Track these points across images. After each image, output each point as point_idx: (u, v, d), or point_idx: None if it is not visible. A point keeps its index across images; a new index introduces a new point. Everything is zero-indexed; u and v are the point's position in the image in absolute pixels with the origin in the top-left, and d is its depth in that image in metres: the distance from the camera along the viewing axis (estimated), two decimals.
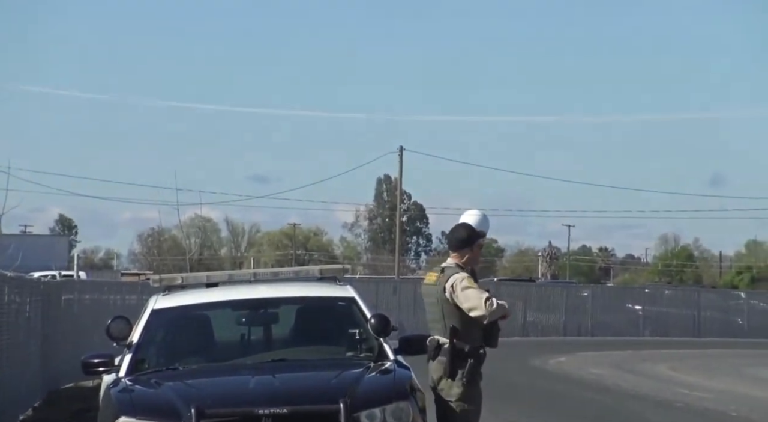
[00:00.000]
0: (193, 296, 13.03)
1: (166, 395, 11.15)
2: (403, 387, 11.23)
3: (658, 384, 28.45)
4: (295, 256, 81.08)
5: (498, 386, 14.79)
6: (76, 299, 27.95)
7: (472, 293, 11.27)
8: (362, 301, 12.68)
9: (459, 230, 11.66)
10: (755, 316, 59.96)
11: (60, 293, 26.13)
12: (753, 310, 60.61)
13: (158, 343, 12.56)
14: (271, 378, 11.40)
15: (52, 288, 25.65)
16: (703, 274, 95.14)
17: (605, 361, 36.52)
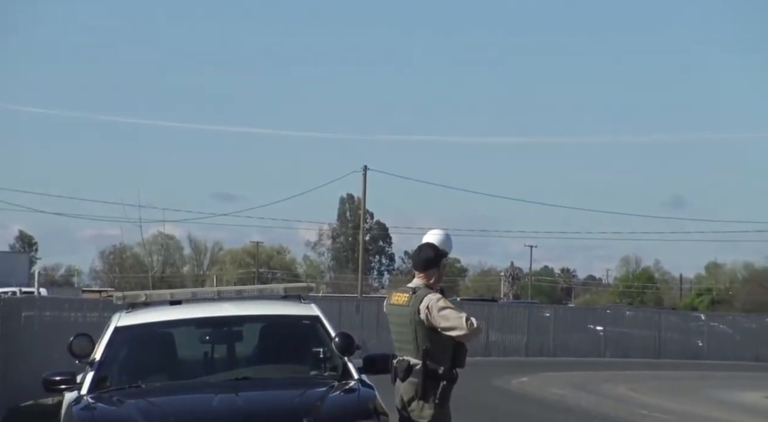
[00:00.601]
0: (157, 314, 13.17)
1: (128, 413, 11.25)
2: (367, 406, 11.33)
3: (618, 405, 28.64)
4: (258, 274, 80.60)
5: (463, 406, 14.59)
6: (36, 316, 27.90)
7: (451, 313, 11.28)
8: (326, 319, 12.74)
9: (425, 250, 11.66)
10: (714, 338, 60.28)
11: (20, 310, 26.23)
12: (712, 332, 61.06)
13: (121, 361, 12.63)
14: (234, 397, 11.36)
15: (12, 305, 26.15)
16: (664, 296, 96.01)
17: (567, 381, 37.00)
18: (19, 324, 25.30)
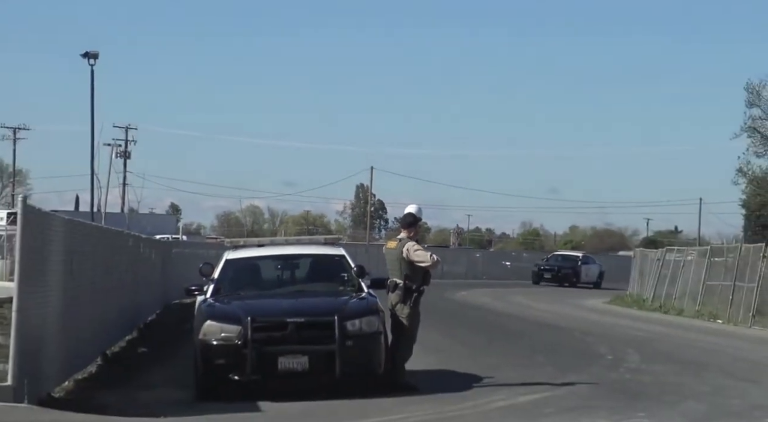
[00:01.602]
0: (249, 252, 16.32)
1: (233, 308, 14.22)
2: (373, 307, 14.36)
3: (516, 307, 38.82)
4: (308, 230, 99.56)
5: (428, 308, 17.19)
6: (180, 252, 37.07)
7: (422, 253, 14.77)
8: (349, 257, 16.05)
9: (408, 215, 15.15)
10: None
11: (171, 248, 35.32)
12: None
13: (229, 279, 15.51)
14: (294, 301, 14.76)
15: (167, 245, 35.38)
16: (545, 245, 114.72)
17: (488, 294, 47.75)
18: (171, 256, 33.43)
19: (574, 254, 67.68)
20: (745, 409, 13.60)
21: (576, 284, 59.84)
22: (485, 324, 29.08)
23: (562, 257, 65.68)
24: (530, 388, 15.13)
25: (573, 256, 66.37)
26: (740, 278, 34.46)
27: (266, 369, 13.75)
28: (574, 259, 64.39)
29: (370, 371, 14.22)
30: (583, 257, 65.37)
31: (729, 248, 39.81)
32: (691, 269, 40.43)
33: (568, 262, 63.46)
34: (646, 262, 49.06)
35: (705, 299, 37.76)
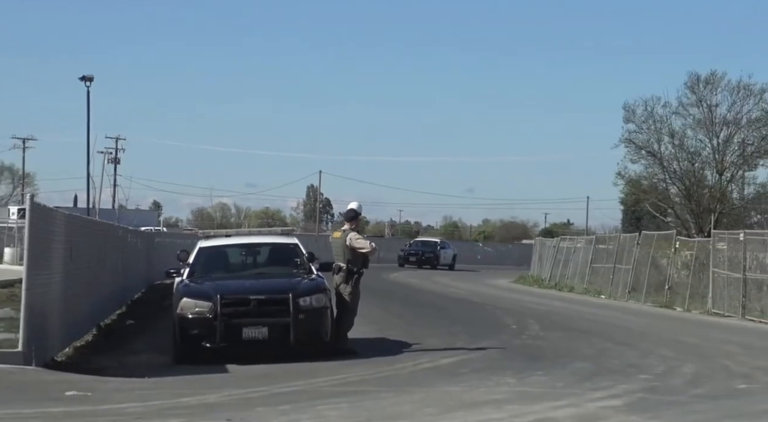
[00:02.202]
0: (219, 241, 16.46)
1: (205, 288, 14.30)
2: (321, 286, 14.53)
3: (440, 286, 38.41)
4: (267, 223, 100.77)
5: (367, 287, 17.10)
6: (162, 241, 36.97)
7: (362, 241, 15.04)
8: (301, 245, 16.27)
9: (350, 211, 15.33)
10: (486, 254, 79.59)
11: (154, 238, 35.27)
12: (485, 251, 79.84)
13: (202, 263, 15.45)
14: (256, 281, 14.76)
15: (151, 236, 35.26)
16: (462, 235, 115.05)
17: (416, 276, 47.31)
18: (154, 245, 33.43)
19: (433, 240, 66.10)
20: (622, 367, 13.76)
21: (436, 267, 58.21)
22: (414, 300, 29.10)
23: (422, 243, 63.89)
24: (450, 352, 15.24)
25: (432, 242, 64.49)
26: (619, 261, 34.86)
27: (233, 338, 13.80)
28: (433, 244, 62.68)
29: (319, 339, 14.29)
30: (441, 243, 64.40)
31: (610, 237, 40.27)
32: (580, 254, 40.82)
33: (428, 247, 61.56)
34: (544, 249, 49.45)
35: (591, 279, 38.17)
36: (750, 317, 25.13)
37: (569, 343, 17.07)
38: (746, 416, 10.01)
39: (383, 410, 10.15)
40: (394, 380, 12.50)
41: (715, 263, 27.83)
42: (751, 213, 51.75)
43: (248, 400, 10.78)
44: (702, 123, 46.87)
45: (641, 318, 24.70)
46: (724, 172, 47.05)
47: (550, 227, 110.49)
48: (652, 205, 52.02)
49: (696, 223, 46.25)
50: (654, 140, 47.77)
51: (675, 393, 11.50)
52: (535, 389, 11.64)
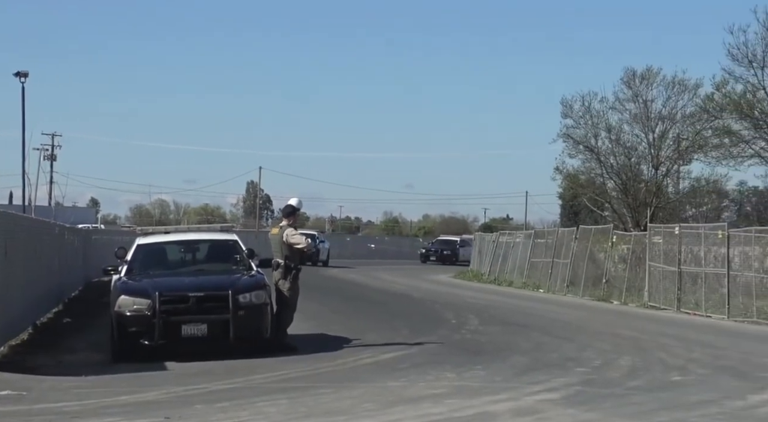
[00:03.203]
0: (158, 238, 16.18)
1: (144, 285, 14.18)
2: (261, 282, 14.45)
3: (380, 282, 38.37)
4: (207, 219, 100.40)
5: (307, 283, 17.32)
6: (99, 238, 36.42)
7: (298, 237, 15.09)
8: (241, 242, 16.24)
9: (288, 207, 15.39)
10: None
11: (91, 235, 34.62)
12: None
13: (140, 261, 15.36)
14: (195, 278, 14.70)
15: (88, 233, 34.69)
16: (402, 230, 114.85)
17: (356, 271, 47.30)
18: (91, 242, 32.73)
19: (452, 239, 67.66)
20: (560, 361, 13.90)
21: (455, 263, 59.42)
22: (354, 296, 29.08)
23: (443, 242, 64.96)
24: (390, 348, 15.26)
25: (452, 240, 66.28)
26: (557, 255, 35.17)
27: (172, 335, 13.72)
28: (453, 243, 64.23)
29: (259, 335, 14.25)
30: (460, 241, 65.20)
31: (548, 232, 40.61)
32: (519, 249, 41.11)
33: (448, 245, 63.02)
34: (484, 243, 49.71)
35: (530, 273, 38.47)
36: (685, 309, 25.52)
37: (508, 337, 17.19)
38: (681, 407, 10.16)
39: (323, 406, 10.15)
40: (334, 375, 12.49)
41: (651, 257, 28.21)
42: (686, 207, 52.49)
43: (187, 397, 10.72)
44: (638, 118, 47.36)
45: (579, 312, 24.95)
46: (659, 166, 47.60)
47: (489, 222, 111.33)
48: (589, 199, 52.50)
49: (632, 217, 46.76)
50: (591, 135, 48.17)
51: (612, 385, 11.65)
52: (474, 383, 11.71)
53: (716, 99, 39.78)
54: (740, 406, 10.34)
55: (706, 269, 25.34)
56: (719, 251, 25.21)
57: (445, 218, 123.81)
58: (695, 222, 41.01)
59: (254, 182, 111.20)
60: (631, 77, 47.32)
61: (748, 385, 11.86)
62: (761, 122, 37.81)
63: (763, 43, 37.18)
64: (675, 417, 9.62)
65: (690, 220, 47.26)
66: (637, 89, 47.29)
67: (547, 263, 36.13)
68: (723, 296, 24.29)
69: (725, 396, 10.96)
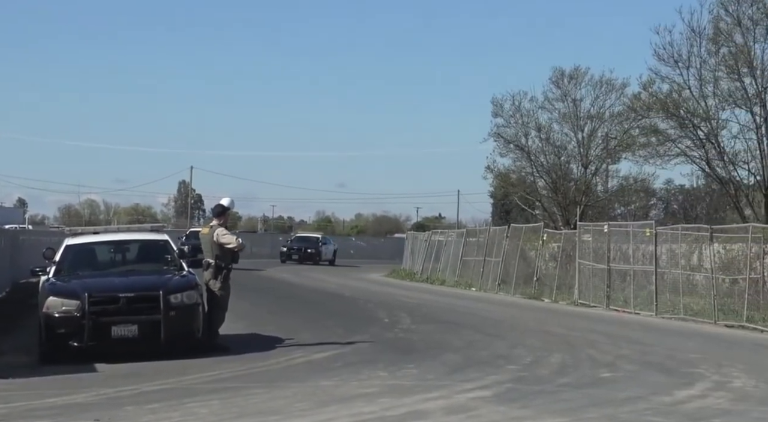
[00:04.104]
0: (87, 238, 16.16)
1: (73, 286, 14.04)
2: (192, 283, 14.41)
3: (313, 281, 38.01)
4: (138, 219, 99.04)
5: (239, 282, 17.21)
6: (27, 238, 36.26)
7: (229, 237, 15.05)
8: (172, 242, 16.28)
9: (218, 207, 15.33)
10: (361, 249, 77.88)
11: (18, 236, 34.55)
12: (359, 246, 78.38)
13: (69, 261, 15.21)
14: (126, 279, 14.55)
15: (15, 234, 34.74)
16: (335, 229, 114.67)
17: (289, 271, 46.67)
18: (18, 243, 32.52)
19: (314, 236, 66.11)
20: (491, 358, 14.01)
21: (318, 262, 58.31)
22: (286, 295, 28.93)
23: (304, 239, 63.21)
24: (323, 347, 15.24)
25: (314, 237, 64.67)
26: (489, 254, 35.43)
27: (101, 337, 13.58)
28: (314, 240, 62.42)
29: (190, 336, 14.17)
30: (322, 238, 64.17)
31: (480, 230, 40.89)
32: (451, 248, 41.33)
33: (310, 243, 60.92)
34: (416, 242, 49.88)
35: (462, 272, 38.71)
36: (614, 307, 25.87)
37: (440, 336, 17.27)
38: (610, 403, 10.30)
39: (255, 406, 10.11)
40: (267, 375, 12.44)
41: (581, 255, 28.55)
42: (615, 205, 53.24)
43: (117, 399, 10.61)
44: (567, 117, 47.98)
45: (510, 310, 25.16)
46: (589, 165, 48.26)
47: (422, 221, 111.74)
48: (520, 198, 53.03)
49: (563, 215, 47.34)
50: (522, 134, 48.70)
51: (542, 382, 11.77)
52: (406, 382, 11.75)
53: (643, 98, 40.42)
54: (667, 402, 10.51)
55: (635, 267, 25.71)
56: (647, 249, 25.61)
57: (378, 217, 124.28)
58: (624, 220, 41.63)
59: (186, 182, 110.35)
60: (559, 77, 47.95)
61: (674, 381, 12.06)
62: (687, 121, 38.47)
63: (688, 44, 37.94)
64: (604, 413, 9.75)
65: (619, 218, 47.96)
66: (565, 89, 47.93)
67: (479, 262, 36.37)
68: (651, 293, 24.68)
69: (653, 392, 11.13)
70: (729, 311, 21.90)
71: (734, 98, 37.56)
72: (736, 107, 37.84)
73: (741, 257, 22.63)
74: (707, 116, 38.11)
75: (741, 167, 38.06)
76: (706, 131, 38.29)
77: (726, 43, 37.20)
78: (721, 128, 38.34)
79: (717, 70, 37.87)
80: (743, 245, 22.49)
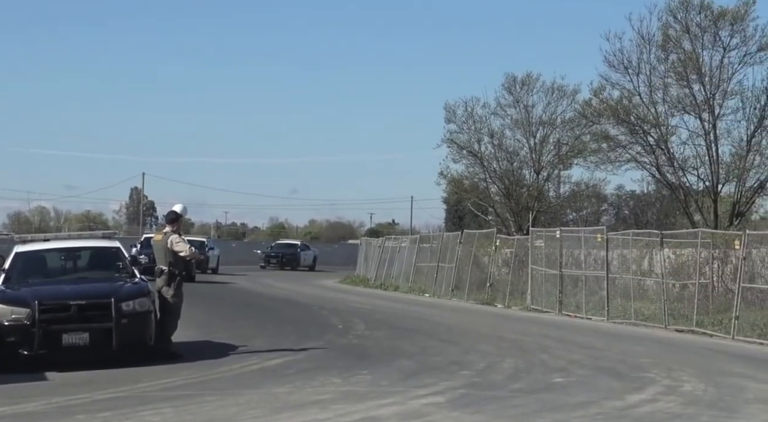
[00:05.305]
0: (37, 246, 15.92)
1: (23, 294, 13.98)
2: (144, 290, 14.38)
3: (266, 288, 37.69)
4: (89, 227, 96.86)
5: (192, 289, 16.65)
6: None
7: (182, 245, 15.01)
8: (123, 249, 16.26)
9: (171, 213, 15.40)
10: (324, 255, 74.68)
11: None
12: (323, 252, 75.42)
13: (18, 269, 15.11)
14: (77, 286, 14.39)
15: None
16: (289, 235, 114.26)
17: (242, 278, 45.86)
18: None
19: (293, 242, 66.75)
20: (445, 364, 14.07)
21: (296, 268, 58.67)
22: (240, 302, 28.83)
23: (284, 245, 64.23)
24: (277, 354, 15.22)
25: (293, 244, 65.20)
26: (442, 259, 35.55)
27: (52, 345, 13.51)
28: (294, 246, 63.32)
29: (143, 343, 14.13)
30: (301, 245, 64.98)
31: (434, 236, 41.02)
32: (405, 254, 41.42)
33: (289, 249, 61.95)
34: (370, 248, 49.91)
35: (416, 278, 38.79)
36: (566, 312, 26.09)
37: (394, 342, 17.31)
38: (563, 408, 10.39)
39: (208, 413, 10.07)
40: (220, 383, 12.39)
41: (533, 260, 28.75)
42: (567, 211, 53.62)
43: (68, 408, 10.53)
44: (519, 123, 48.23)
45: (464, 316, 25.26)
46: (541, 171, 48.56)
47: (375, 227, 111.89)
48: (473, 204, 53.24)
49: (515, 221, 47.58)
50: (474, 140, 48.85)
51: (495, 388, 11.84)
52: (360, 388, 11.77)
53: (594, 105, 40.70)
54: (619, 406, 10.62)
55: (587, 272, 25.94)
56: (599, 254, 25.86)
57: (331, 223, 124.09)
58: (576, 226, 41.92)
59: (138, 188, 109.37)
60: (511, 83, 48.18)
61: (626, 385, 12.19)
62: (637, 127, 38.83)
63: (638, 50, 38.26)
64: (556, 418, 9.84)
65: (571, 224, 48.27)
66: (517, 95, 48.18)
67: (433, 268, 36.48)
68: (602, 298, 24.91)
69: (604, 396, 11.24)
70: (679, 315, 22.18)
71: (683, 105, 37.97)
72: (685, 113, 38.24)
73: (691, 262, 22.94)
74: (657, 122, 38.50)
75: (690, 173, 38.47)
76: (656, 137, 38.68)
77: (675, 49, 37.61)
78: (670, 134, 38.72)
79: (666, 77, 38.27)
80: (693, 250, 22.80)
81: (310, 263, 61.91)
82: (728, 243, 22.44)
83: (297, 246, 63.36)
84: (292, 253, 61.19)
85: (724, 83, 37.02)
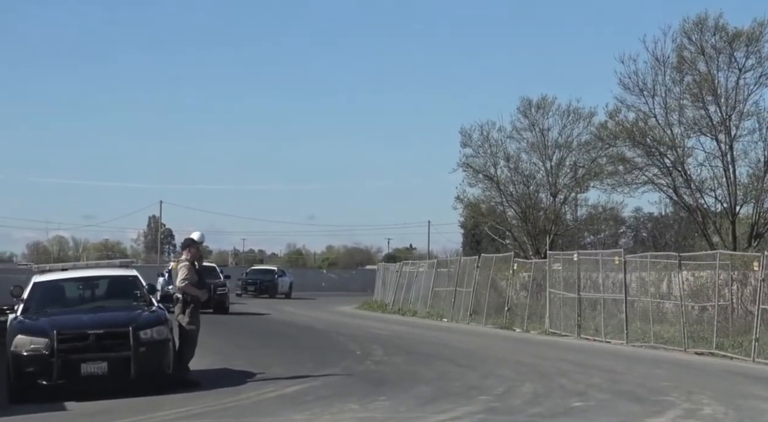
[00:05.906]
0: (55, 275, 16.03)
1: (41, 323, 14.06)
2: (162, 318, 14.44)
3: (285, 314, 37.56)
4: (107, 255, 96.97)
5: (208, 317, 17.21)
6: None
7: (182, 271, 15.14)
8: (141, 277, 16.15)
9: (185, 240, 15.70)
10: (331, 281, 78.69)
11: None
12: (329, 278, 79.10)
13: (37, 299, 15.21)
14: (94, 315, 14.55)
15: None
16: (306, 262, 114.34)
17: (260, 305, 45.12)
18: None
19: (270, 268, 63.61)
20: (464, 390, 14.03)
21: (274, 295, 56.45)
22: (258, 329, 28.81)
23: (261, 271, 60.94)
24: (295, 381, 15.21)
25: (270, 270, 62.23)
26: (460, 284, 35.48)
27: (71, 374, 13.50)
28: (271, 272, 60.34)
29: (161, 372, 14.09)
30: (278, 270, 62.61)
31: (451, 261, 40.96)
32: (423, 279, 41.34)
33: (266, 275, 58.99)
34: (387, 274, 49.83)
35: (433, 302, 38.70)
36: (585, 335, 25.97)
37: (412, 367, 17.28)
38: None
39: None
40: (239, 410, 12.40)
41: (551, 284, 28.67)
42: (584, 234, 53.51)
43: None
44: (535, 147, 48.22)
45: (482, 340, 25.19)
46: (557, 194, 48.51)
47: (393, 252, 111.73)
48: (490, 228, 53.16)
49: (533, 245, 47.49)
50: (490, 164, 48.86)
51: (514, 412, 11.80)
52: (378, 414, 11.74)
53: (610, 127, 40.68)
54: None
55: (605, 295, 25.84)
56: (617, 277, 25.76)
57: (349, 248, 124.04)
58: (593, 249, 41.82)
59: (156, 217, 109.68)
60: (527, 106, 48.22)
61: (645, 409, 12.13)
62: (653, 149, 38.77)
63: (653, 72, 38.27)
64: None
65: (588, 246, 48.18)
66: (533, 118, 48.20)
67: (450, 292, 36.41)
68: (621, 321, 24.80)
69: (624, 420, 11.20)
70: (698, 338, 22.06)
71: (699, 126, 37.93)
72: (701, 134, 38.20)
73: (710, 284, 22.83)
74: (673, 144, 38.45)
75: (708, 195, 38.37)
76: (673, 159, 38.61)
77: (690, 71, 37.61)
78: (687, 156, 38.67)
79: (682, 99, 38.25)
80: (711, 272, 22.70)
81: (286, 290, 58.28)
82: (747, 265, 22.33)
83: (274, 272, 59.50)
84: (269, 280, 57.42)
85: (740, 104, 37.00)
